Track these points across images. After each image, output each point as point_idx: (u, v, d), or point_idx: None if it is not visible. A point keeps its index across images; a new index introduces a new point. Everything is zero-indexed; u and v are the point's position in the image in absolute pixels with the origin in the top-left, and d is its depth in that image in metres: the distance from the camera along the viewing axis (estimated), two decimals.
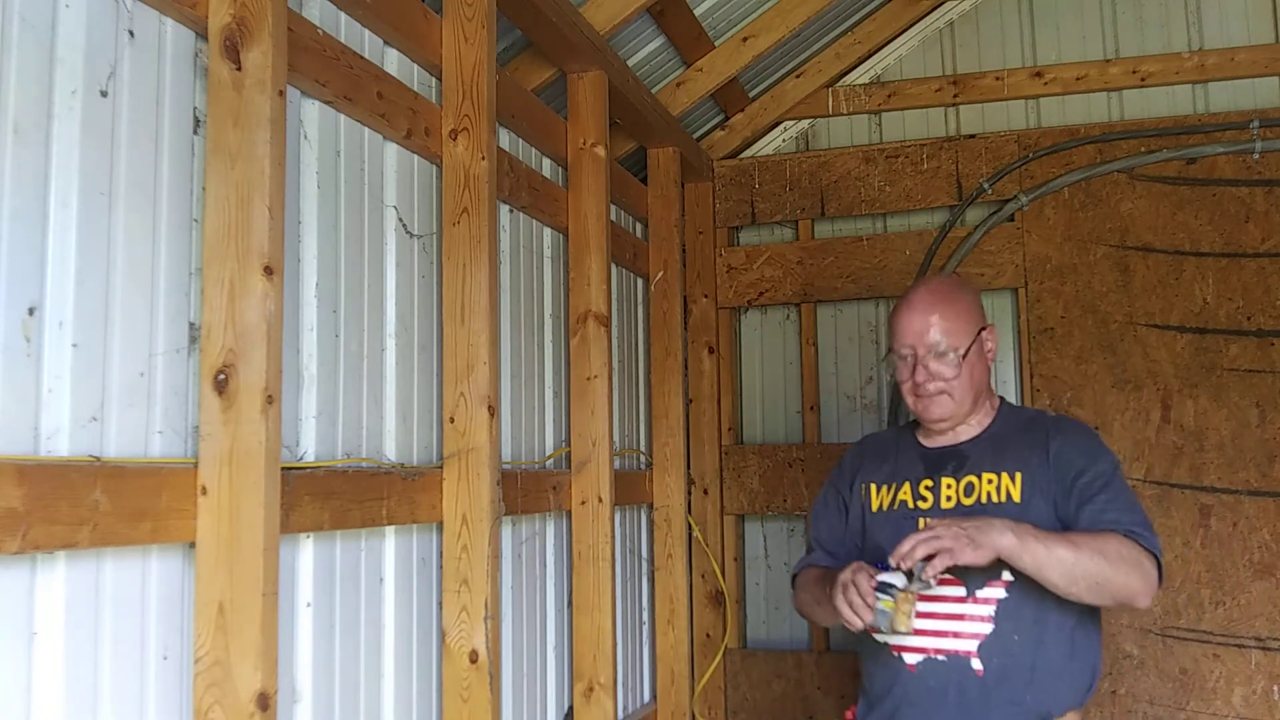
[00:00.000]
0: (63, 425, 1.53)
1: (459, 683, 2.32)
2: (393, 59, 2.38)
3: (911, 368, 2.25)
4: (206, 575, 1.68)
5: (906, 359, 2.26)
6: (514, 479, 2.71)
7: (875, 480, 2.37)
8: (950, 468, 2.27)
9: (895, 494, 2.32)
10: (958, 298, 2.29)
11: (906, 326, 2.26)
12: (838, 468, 2.50)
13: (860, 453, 2.48)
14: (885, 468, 2.38)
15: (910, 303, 2.28)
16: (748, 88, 4.17)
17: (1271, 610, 3.57)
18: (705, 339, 4.16)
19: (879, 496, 2.35)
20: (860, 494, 2.39)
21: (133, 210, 1.68)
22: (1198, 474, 3.68)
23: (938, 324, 2.23)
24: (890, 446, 2.42)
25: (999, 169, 3.97)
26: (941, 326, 2.23)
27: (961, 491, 2.23)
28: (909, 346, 2.25)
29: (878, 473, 2.38)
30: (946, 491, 2.24)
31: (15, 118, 1.49)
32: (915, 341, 2.24)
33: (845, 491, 2.43)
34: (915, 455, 2.35)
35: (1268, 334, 3.67)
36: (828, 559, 2.40)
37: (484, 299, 2.38)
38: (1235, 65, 3.87)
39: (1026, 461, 2.21)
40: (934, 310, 2.25)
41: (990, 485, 2.21)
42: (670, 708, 3.77)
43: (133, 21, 1.70)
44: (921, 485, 2.29)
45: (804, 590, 2.41)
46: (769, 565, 4.26)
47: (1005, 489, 2.19)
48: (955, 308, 2.26)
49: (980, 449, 2.28)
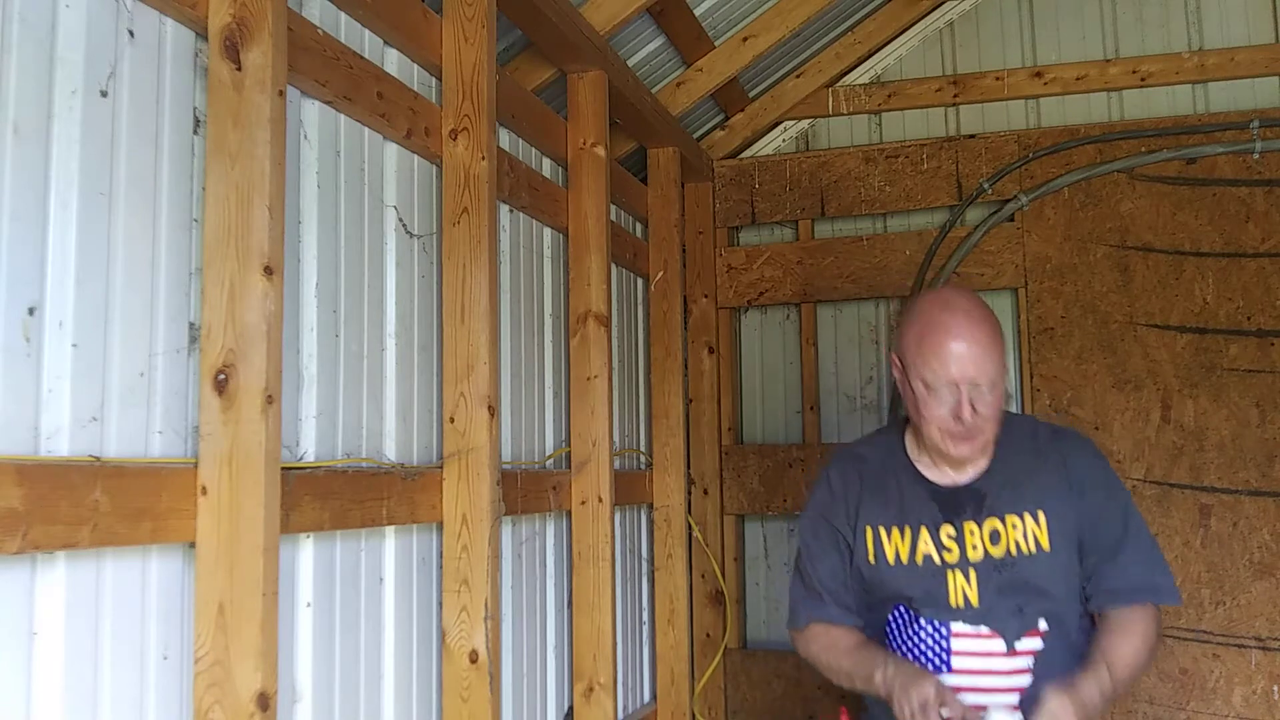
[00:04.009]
0: (63, 425, 1.53)
1: (459, 683, 2.32)
2: (393, 59, 2.38)
3: (954, 404, 1.99)
4: (206, 575, 1.68)
5: (942, 391, 2.00)
6: (514, 479, 2.71)
7: (883, 523, 2.16)
8: (969, 510, 2.10)
9: (914, 543, 2.13)
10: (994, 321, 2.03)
11: (954, 359, 1.98)
12: (827, 493, 2.25)
13: (856, 482, 2.22)
14: (891, 508, 2.16)
15: (953, 330, 2.00)
16: (748, 88, 4.17)
17: (1271, 610, 3.57)
18: (705, 339, 4.16)
19: (892, 544, 2.15)
20: (865, 537, 2.17)
21: (133, 210, 1.68)
22: (1198, 474, 3.68)
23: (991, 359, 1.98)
24: (889, 478, 2.19)
25: (999, 169, 3.97)
26: (994, 361, 1.98)
27: (987, 539, 2.08)
28: (953, 382, 1.99)
29: (883, 513, 2.16)
30: (971, 540, 2.09)
31: (15, 118, 1.49)
32: (963, 377, 1.98)
33: (845, 529, 2.20)
34: (924, 493, 2.14)
35: (1268, 334, 3.67)
36: (843, 614, 2.22)
37: (484, 299, 2.38)
38: (1235, 65, 3.88)
39: (1046, 496, 2.09)
40: (984, 342, 1.99)
41: (1016, 531, 2.08)
42: (670, 708, 3.77)
43: (133, 21, 1.70)
44: (942, 533, 2.11)
45: (827, 654, 2.23)
46: (769, 565, 4.26)
47: (1032, 535, 2.07)
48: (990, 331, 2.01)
49: (995, 484, 2.11)
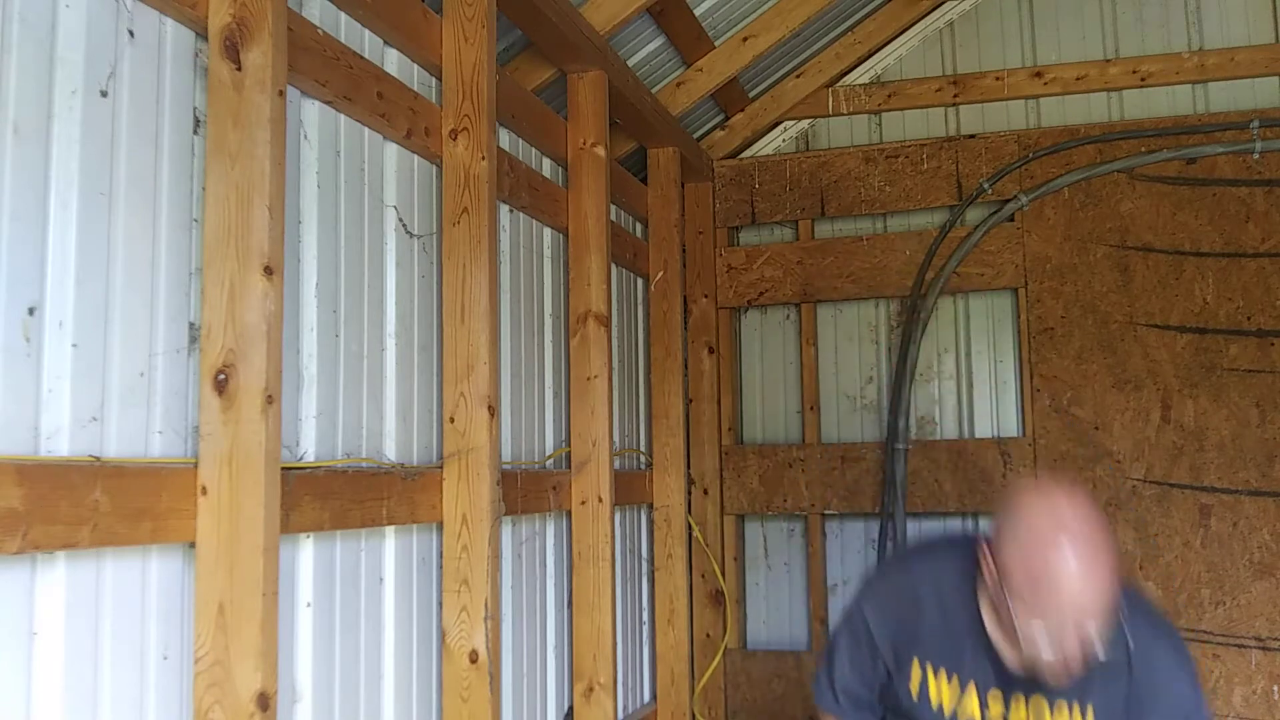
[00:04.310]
0: (63, 425, 1.53)
1: (459, 683, 2.32)
2: (393, 59, 2.38)
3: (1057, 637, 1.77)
4: (206, 575, 1.68)
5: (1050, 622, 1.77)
6: (514, 479, 2.71)
7: (934, 661, 2.02)
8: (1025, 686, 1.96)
9: (960, 697, 2.01)
10: (1111, 559, 1.79)
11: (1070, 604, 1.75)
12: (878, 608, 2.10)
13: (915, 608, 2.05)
14: (948, 649, 2.02)
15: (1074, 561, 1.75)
16: (748, 88, 4.17)
17: (1271, 610, 3.57)
18: (705, 339, 4.16)
19: (937, 686, 2.02)
20: (912, 668, 2.05)
21: (133, 210, 1.68)
22: (1198, 474, 3.68)
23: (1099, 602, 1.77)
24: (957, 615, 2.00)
25: (999, 169, 3.97)
26: (1100, 605, 1.77)
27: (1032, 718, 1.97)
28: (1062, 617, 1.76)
29: (937, 651, 2.02)
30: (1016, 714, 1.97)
31: (15, 118, 1.49)
32: (1076, 618, 1.76)
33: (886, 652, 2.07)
34: (985, 656, 1.97)
35: (1268, 334, 3.67)
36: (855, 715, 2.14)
37: (484, 299, 2.38)
38: (1235, 65, 3.88)
39: (1109, 691, 1.93)
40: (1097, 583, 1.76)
41: (1062, 718, 1.96)
42: (670, 708, 3.77)
43: (133, 21, 1.70)
44: (990, 696, 1.99)
45: None
46: (769, 565, 4.26)
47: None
48: (1112, 576, 1.78)
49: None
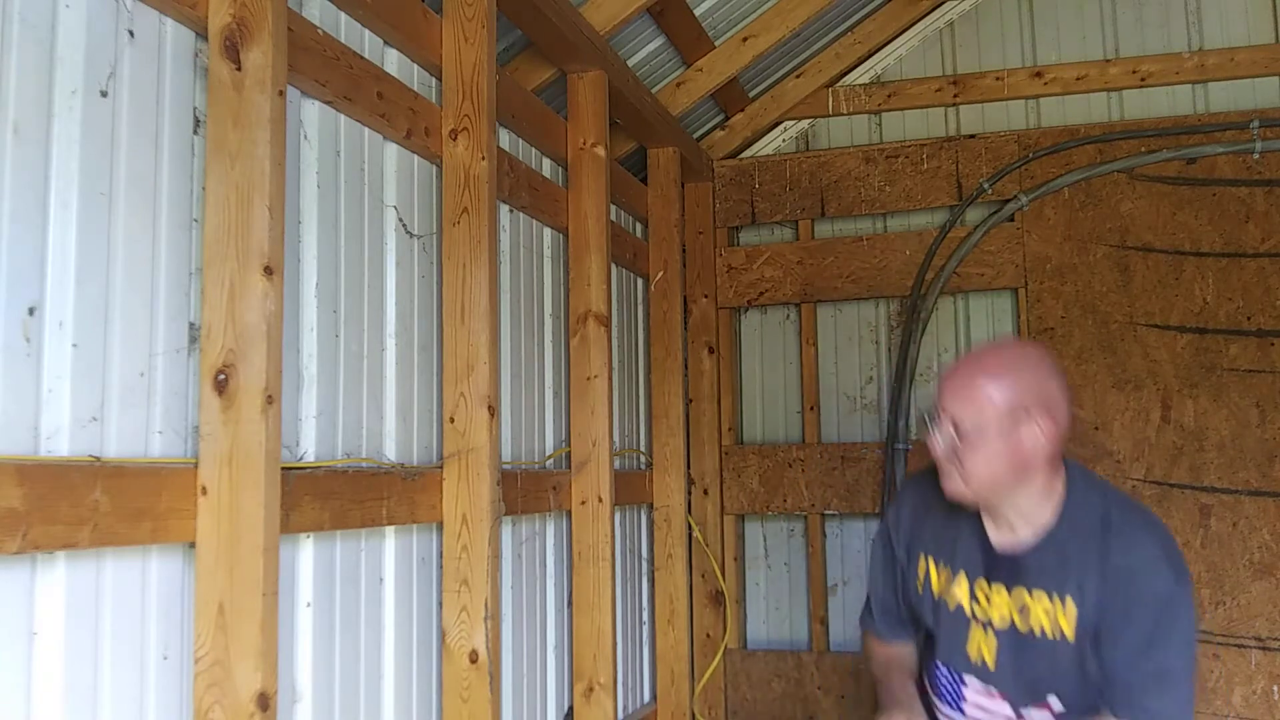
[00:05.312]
0: (63, 425, 1.53)
1: (459, 683, 2.32)
2: (393, 59, 2.38)
3: (938, 434, 2.01)
4: (206, 575, 1.68)
5: (938, 422, 2.01)
6: (514, 479, 2.71)
7: (934, 555, 2.17)
8: (1005, 573, 2.06)
9: (951, 585, 2.13)
10: (1004, 375, 1.97)
11: (945, 387, 2.01)
12: (895, 513, 2.27)
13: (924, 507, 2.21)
14: (946, 543, 2.15)
15: (961, 362, 2.05)
16: (748, 88, 4.17)
17: (1271, 610, 3.57)
18: (705, 339, 4.16)
19: (937, 577, 2.16)
20: (918, 563, 2.20)
21: (133, 210, 1.68)
22: (1198, 474, 3.68)
23: (973, 402, 1.95)
24: (958, 519, 2.13)
25: (999, 169, 3.97)
26: (975, 405, 1.95)
27: (1016, 612, 2.04)
28: (941, 409, 2.00)
29: (938, 546, 2.17)
30: (1000, 606, 2.06)
31: (15, 118, 1.49)
32: (944, 406, 1.99)
33: (901, 552, 2.23)
34: (978, 545, 2.10)
35: (1268, 334, 3.67)
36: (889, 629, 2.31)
37: (484, 299, 2.38)
38: (1235, 65, 3.88)
39: (1085, 587, 1.98)
40: (963, 377, 1.99)
41: (1044, 613, 2.01)
42: (670, 708, 3.77)
43: (133, 21, 1.70)
44: (978, 586, 2.09)
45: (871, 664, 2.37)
46: (769, 565, 4.26)
47: (1058, 622, 1.99)
48: (990, 386, 1.95)
49: (1039, 559, 2.02)
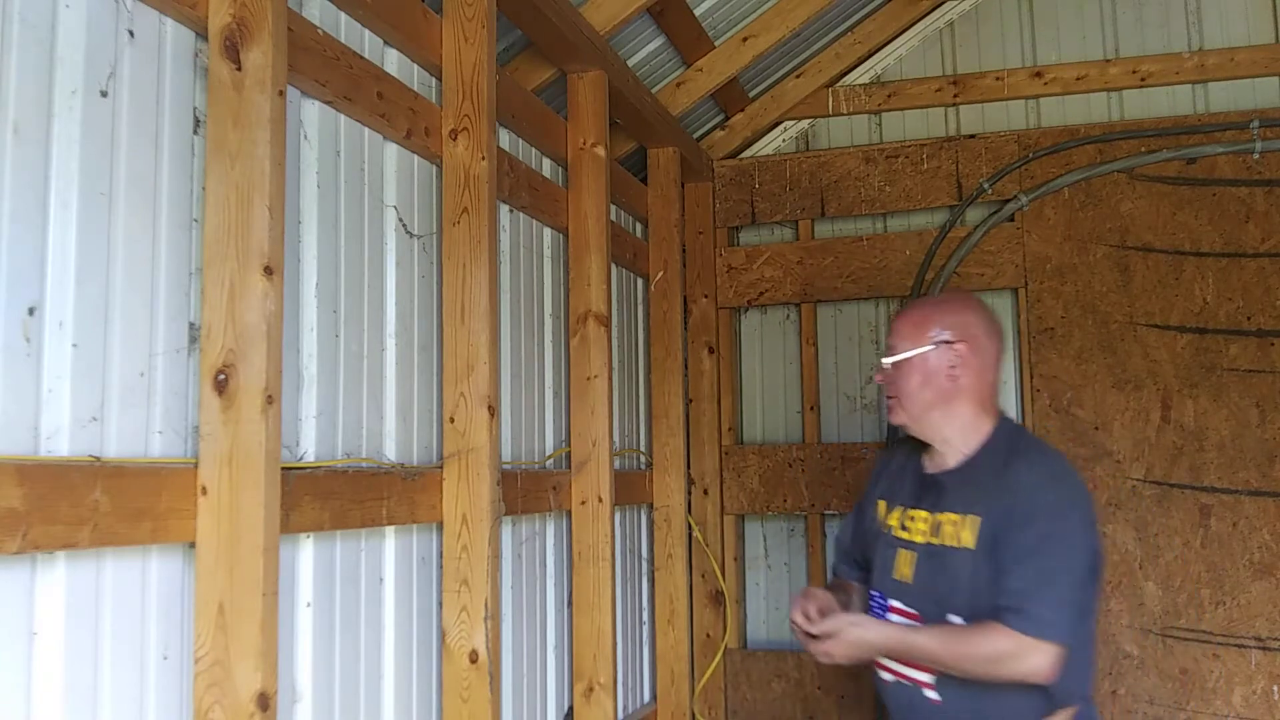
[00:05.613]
0: (63, 425, 1.53)
1: (459, 683, 2.32)
2: (393, 59, 2.38)
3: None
4: (206, 575, 1.68)
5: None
6: (514, 479, 2.71)
7: (885, 496, 2.44)
8: (930, 499, 2.29)
9: (888, 516, 2.40)
10: (930, 308, 2.35)
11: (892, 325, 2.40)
12: (873, 474, 2.59)
13: (887, 462, 2.54)
14: (896, 485, 2.44)
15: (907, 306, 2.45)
16: (748, 88, 4.17)
17: (1271, 610, 3.57)
18: (705, 339, 4.16)
19: (885, 514, 2.42)
20: (876, 507, 2.47)
21: (133, 210, 1.68)
22: (1198, 474, 3.68)
23: (900, 331, 2.32)
24: (906, 462, 2.45)
25: (999, 169, 3.97)
26: (901, 334, 2.31)
27: (931, 529, 2.25)
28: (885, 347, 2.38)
29: (889, 487, 2.45)
30: (920, 525, 2.29)
31: (15, 118, 1.49)
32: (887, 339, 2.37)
33: (867, 501, 2.52)
34: (913, 478, 2.39)
35: (1268, 334, 3.67)
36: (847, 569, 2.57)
37: (484, 299, 2.38)
38: (1235, 65, 3.87)
39: (991, 506, 2.17)
40: (899, 317, 2.36)
41: (952, 526, 2.21)
42: (670, 708, 3.77)
43: (133, 21, 1.70)
44: (907, 513, 2.34)
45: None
46: (769, 565, 4.26)
47: (961, 535, 2.18)
48: (917, 315, 2.32)
49: (956, 482, 2.26)
